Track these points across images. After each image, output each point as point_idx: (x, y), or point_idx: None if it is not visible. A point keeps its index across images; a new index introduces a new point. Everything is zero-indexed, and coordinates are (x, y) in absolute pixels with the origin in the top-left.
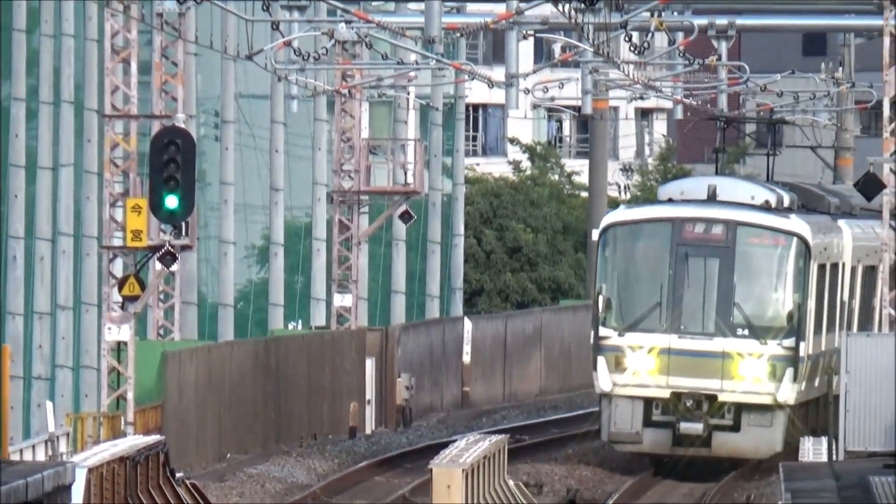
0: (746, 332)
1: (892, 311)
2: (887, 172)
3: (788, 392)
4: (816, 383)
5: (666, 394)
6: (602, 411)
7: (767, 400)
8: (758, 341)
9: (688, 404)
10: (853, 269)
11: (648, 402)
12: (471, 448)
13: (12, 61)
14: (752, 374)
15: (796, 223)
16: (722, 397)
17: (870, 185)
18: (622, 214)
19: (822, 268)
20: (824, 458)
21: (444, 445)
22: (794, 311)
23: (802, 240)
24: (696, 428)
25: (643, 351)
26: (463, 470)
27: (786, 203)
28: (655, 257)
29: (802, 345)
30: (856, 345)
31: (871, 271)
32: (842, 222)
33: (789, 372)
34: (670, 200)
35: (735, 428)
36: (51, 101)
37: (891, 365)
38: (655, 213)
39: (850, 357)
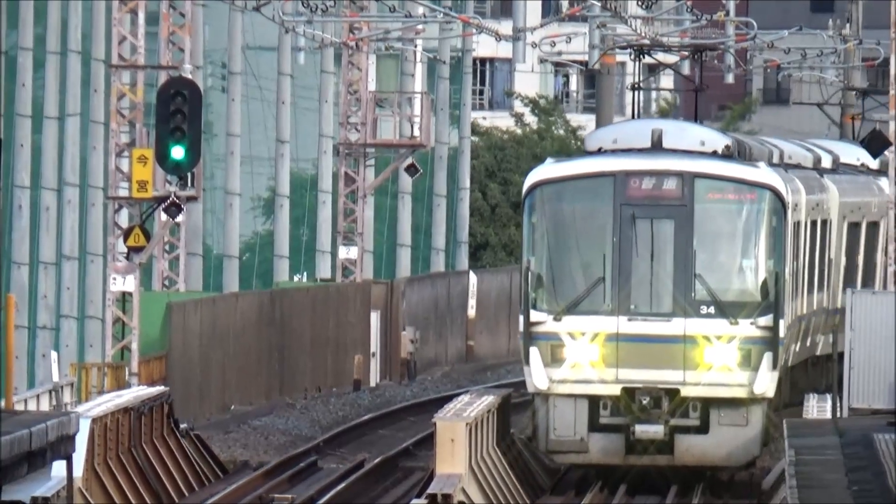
0: (712, 309)
1: None
2: (893, 131)
3: (767, 382)
4: (811, 342)
5: (615, 390)
6: (538, 414)
7: (741, 393)
8: (727, 321)
9: (643, 402)
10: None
11: (595, 402)
12: (474, 402)
13: (19, 10)
14: (721, 361)
15: (766, 173)
16: (685, 392)
17: (875, 143)
18: (550, 170)
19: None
20: (828, 416)
21: (448, 399)
22: (770, 282)
23: (775, 193)
24: (654, 431)
25: (585, 338)
26: (466, 424)
27: (746, 150)
28: (594, 222)
29: (782, 323)
30: (860, 302)
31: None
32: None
33: (767, 357)
34: (601, 151)
35: (702, 429)
36: (58, 51)
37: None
38: (591, 167)
39: (854, 314)
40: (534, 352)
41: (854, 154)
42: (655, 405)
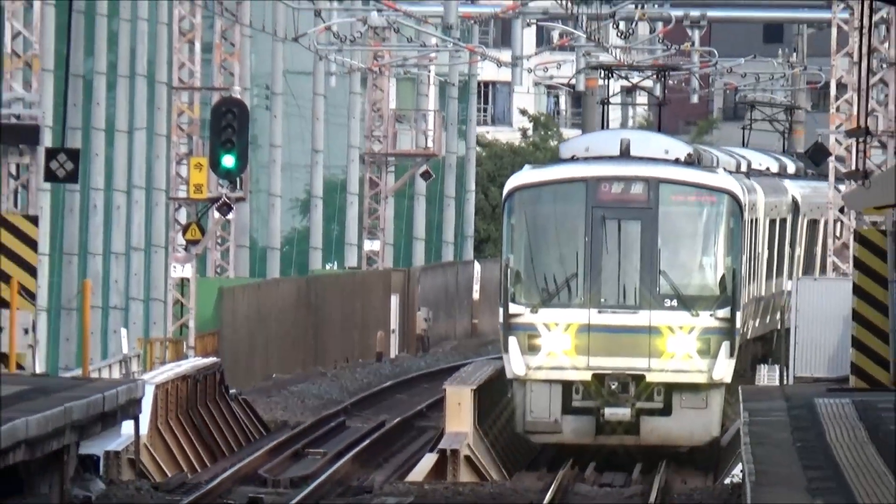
0: (675, 303)
1: (836, 259)
2: (832, 143)
3: (725, 369)
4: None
5: (587, 376)
6: (515, 398)
7: (701, 379)
8: (688, 313)
9: (612, 387)
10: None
11: (567, 387)
12: (478, 371)
13: (95, 41)
14: (683, 350)
15: (724, 178)
16: (650, 378)
17: (818, 154)
18: (528, 176)
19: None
20: (776, 383)
21: (456, 368)
22: (728, 278)
23: (733, 196)
24: (622, 413)
25: (559, 329)
26: (472, 389)
27: (704, 159)
28: (568, 223)
29: (738, 315)
30: (804, 287)
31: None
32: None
33: (725, 346)
34: (574, 158)
35: (666, 411)
36: (127, 75)
37: (833, 304)
38: (566, 173)
39: (799, 297)
40: (512, 341)
41: (760, 160)
42: (623, 390)
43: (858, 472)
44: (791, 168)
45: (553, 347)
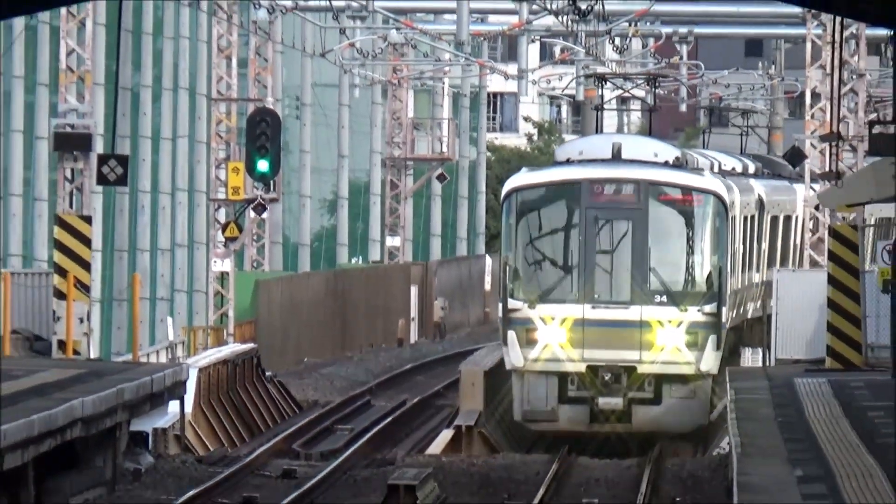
0: (664, 298)
1: (812, 253)
2: (808, 147)
3: (711, 361)
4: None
5: (581, 368)
6: (514, 389)
7: (689, 370)
8: (677, 308)
9: (605, 378)
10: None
11: (563, 378)
12: (490, 354)
13: (141, 57)
14: (672, 343)
15: (710, 180)
16: (641, 369)
17: (795, 156)
18: (525, 178)
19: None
20: (760, 364)
21: (470, 353)
22: (714, 274)
23: (718, 197)
24: (615, 403)
25: (555, 323)
26: (484, 371)
27: (691, 161)
28: (563, 222)
29: (724, 310)
30: (784, 278)
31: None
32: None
33: (711, 339)
34: (568, 161)
35: (656, 401)
36: (171, 88)
37: (810, 292)
38: (561, 175)
39: (779, 287)
40: (511, 335)
41: (727, 161)
42: (616, 381)
43: (834, 444)
44: (751, 168)
45: (549, 341)
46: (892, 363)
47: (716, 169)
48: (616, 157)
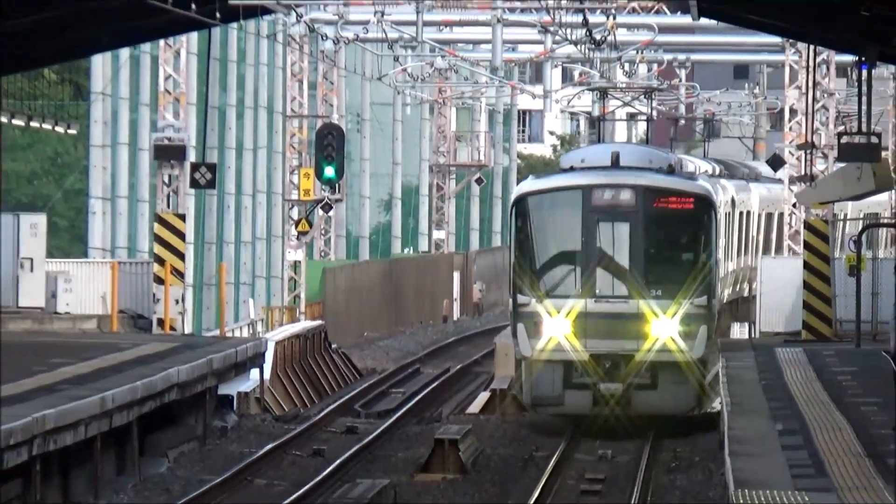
0: (660, 293)
1: (790, 243)
2: (787, 154)
3: (703, 349)
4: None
5: (585, 356)
6: (523, 376)
7: (683, 358)
8: (671, 301)
9: (606, 366)
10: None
11: (568, 366)
12: None
13: (227, 81)
14: (666, 333)
15: (700, 185)
16: (639, 357)
17: (776, 162)
18: (533, 184)
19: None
20: (746, 336)
21: (503, 328)
22: (705, 270)
23: (707, 200)
24: (615, 388)
25: (560, 316)
26: None
27: (686, 166)
28: (567, 225)
29: (714, 302)
30: (767, 264)
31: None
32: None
33: (703, 330)
34: (572, 169)
35: (653, 386)
36: (252, 106)
37: (789, 276)
38: (565, 182)
39: (763, 271)
40: (520, 327)
41: (705, 166)
42: (616, 368)
43: (808, 402)
44: (717, 170)
45: (555, 332)
46: (857, 335)
47: (695, 171)
48: (615, 165)
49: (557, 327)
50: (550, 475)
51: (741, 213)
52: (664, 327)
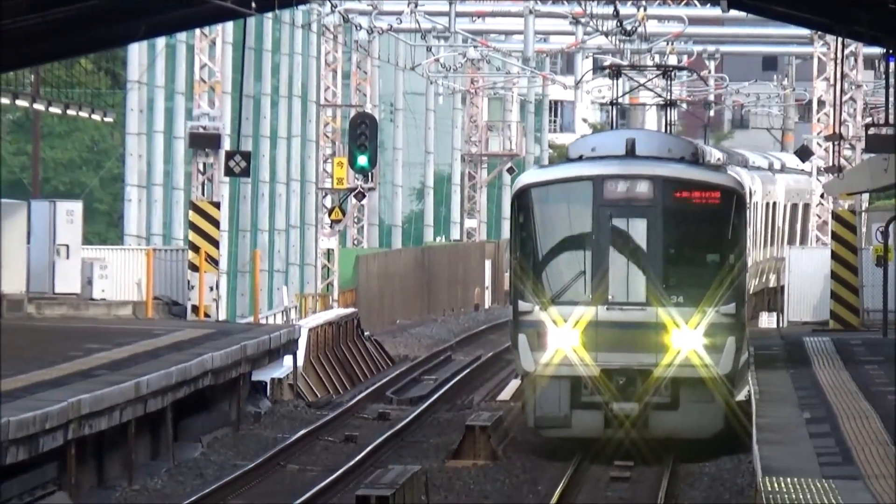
0: (681, 299)
1: (818, 233)
2: (815, 145)
3: (730, 364)
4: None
5: (595, 372)
6: (526, 393)
7: (707, 374)
8: (694, 309)
9: (620, 382)
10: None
11: (576, 382)
12: None
13: (262, 70)
14: (689, 345)
15: (727, 176)
16: (657, 373)
17: (804, 153)
18: (537, 175)
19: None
20: (775, 325)
21: None
22: (733, 273)
23: (736, 193)
24: (630, 408)
25: (568, 325)
26: None
27: (707, 156)
28: (575, 220)
29: (743, 310)
30: (795, 254)
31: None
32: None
33: (731, 341)
34: (581, 158)
35: (673, 406)
36: (286, 96)
37: (816, 266)
38: (573, 172)
39: (791, 261)
40: (522, 338)
41: (717, 154)
42: (631, 385)
43: (836, 391)
44: (724, 159)
45: (562, 344)
46: (884, 324)
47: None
48: (630, 153)
49: (564, 338)
50: (581, 461)
51: (768, 204)
52: (686, 339)
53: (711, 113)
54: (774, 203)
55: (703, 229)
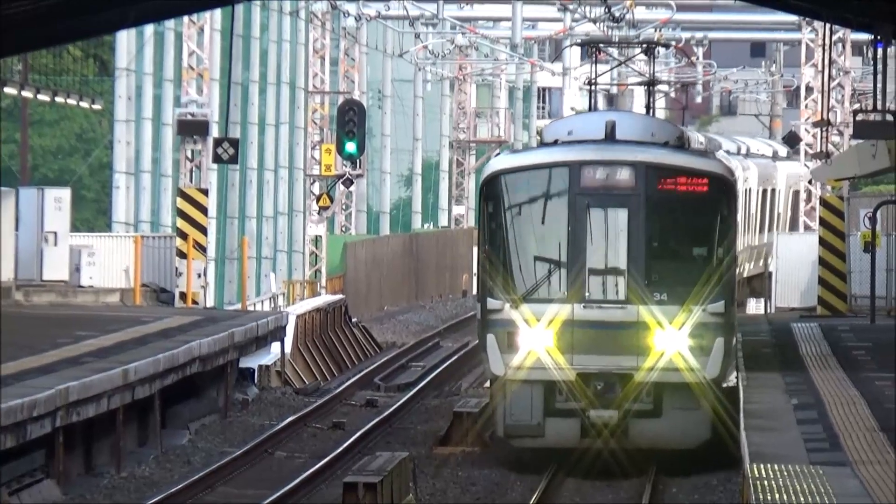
0: (665, 296)
1: (806, 219)
2: (803, 131)
3: (718, 368)
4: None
5: (570, 376)
6: (495, 399)
7: (693, 378)
8: (679, 307)
9: (598, 388)
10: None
11: (550, 388)
12: None
13: (250, 57)
14: (673, 347)
15: (715, 162)
16: (639, 377)
17: (792, 139)
18: (508, 160)
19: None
20: (762, 311)
21: None
22: (722, 268)
23: (724, 181)
24: (609, 416)
25: (541, 325)
26: None
27: (693, 140)
28: (550, 210)
29: (732, 308)
30: (783, 240)
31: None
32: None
33: (719, 343)
34: (557, 142)
35: (656, 413)
36: (274, 83)
37: (804, 252)
38: (548, 158)
39: (779, 247)
40: (491, 339)
41: (700, 138)
42: (609, 391)
43: (824, 377)
44: (704, 143)
45: (534, 345)
46: (871, 310)
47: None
48: (610, 137)
49: (537, 339)
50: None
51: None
52: (670, 340)
53: (699, 99)
54: (749, 189)
55: (690, 220)
